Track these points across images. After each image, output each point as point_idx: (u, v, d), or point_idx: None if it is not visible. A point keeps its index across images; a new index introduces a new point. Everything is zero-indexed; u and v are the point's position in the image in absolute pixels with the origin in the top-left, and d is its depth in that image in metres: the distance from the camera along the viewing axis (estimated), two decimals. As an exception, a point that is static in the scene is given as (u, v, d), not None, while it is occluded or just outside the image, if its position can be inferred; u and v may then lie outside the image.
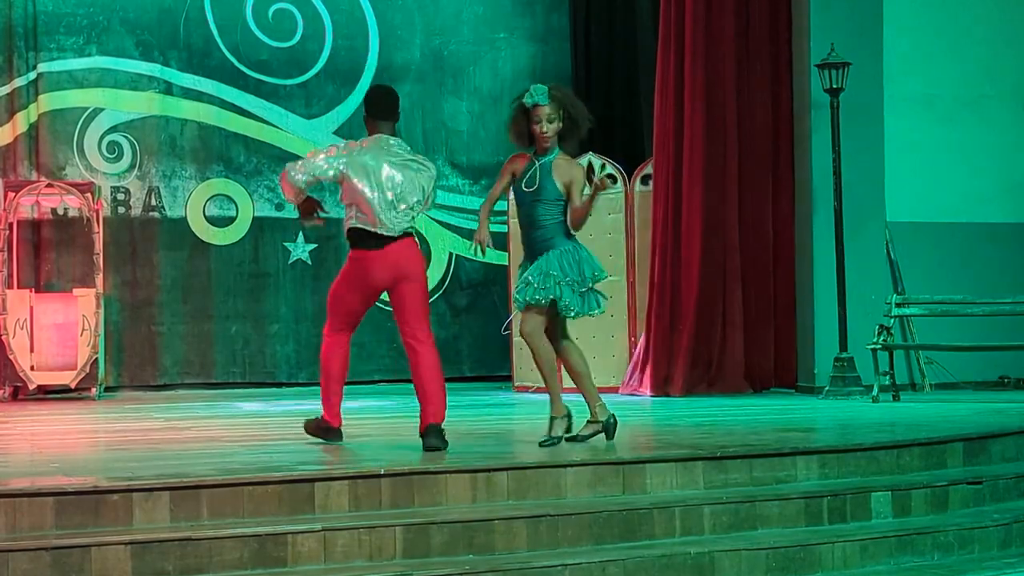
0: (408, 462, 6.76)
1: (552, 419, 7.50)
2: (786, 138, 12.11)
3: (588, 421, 7.55)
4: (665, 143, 11.86)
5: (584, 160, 12.18)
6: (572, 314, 7.45)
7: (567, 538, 6.27)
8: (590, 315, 7.60)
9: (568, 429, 7.51)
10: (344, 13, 14.37)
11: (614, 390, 11.79)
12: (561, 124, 7.44)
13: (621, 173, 12.09)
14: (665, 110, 11.90)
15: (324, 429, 7.89)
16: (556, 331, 7.54)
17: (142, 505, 5.88)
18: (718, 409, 10.08)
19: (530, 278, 7.39)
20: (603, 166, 12.08)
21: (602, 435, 7.47)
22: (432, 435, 7.39)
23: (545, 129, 7.39)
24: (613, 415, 7.52)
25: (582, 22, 14.77)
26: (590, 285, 7.48)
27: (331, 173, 7.47)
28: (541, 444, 7.35)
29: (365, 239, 7.54)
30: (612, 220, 12.10)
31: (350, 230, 7.57)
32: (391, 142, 7.63)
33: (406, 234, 7.64)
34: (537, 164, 7.48)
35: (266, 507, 6.09)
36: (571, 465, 6.69)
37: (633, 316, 12.05)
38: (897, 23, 12.23)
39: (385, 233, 7.49)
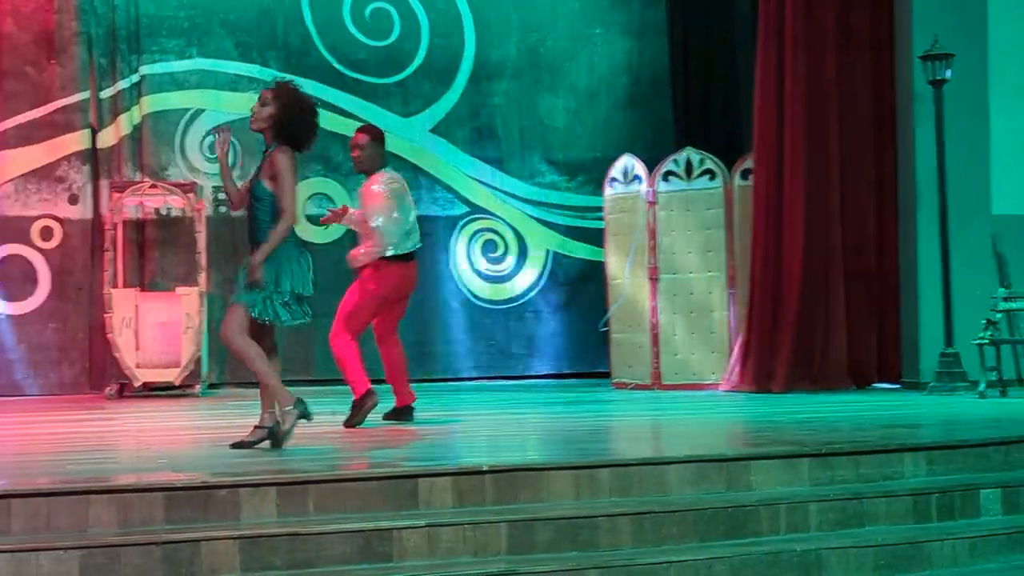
0: (510, 458, 6.76)
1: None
2: (889, 131, 11.94)
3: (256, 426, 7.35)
4: (765, 137, 11.75)
5: (683, 155, 12.17)
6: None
7: (672, 535, 6.23)
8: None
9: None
10: (440, 11, 14.41)
11: (715, 386, 11.73)
12: (277, 110, 7.21)
13: (720, 168, 12.02)
14: (765, 104, 11.79)
15: (364, 398, 8.77)
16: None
17: (250, 500, 5.93)
18: (821, 405, 9.98)
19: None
20: (702, 160, 12.03)
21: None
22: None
23: (256, 110, 7.26)
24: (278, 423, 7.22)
25: (679, 16, 14.69)
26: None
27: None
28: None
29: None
30: (712, 215, 12.02)
31: None
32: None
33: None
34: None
35: (371, 503, 6.11)
36: (675, 462, 6.63)
37: (733, 312, 11.95)
38: (1002, 13, 12.01)
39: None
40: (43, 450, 7.92)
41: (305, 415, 7.09)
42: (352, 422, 8.72)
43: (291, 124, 7.19)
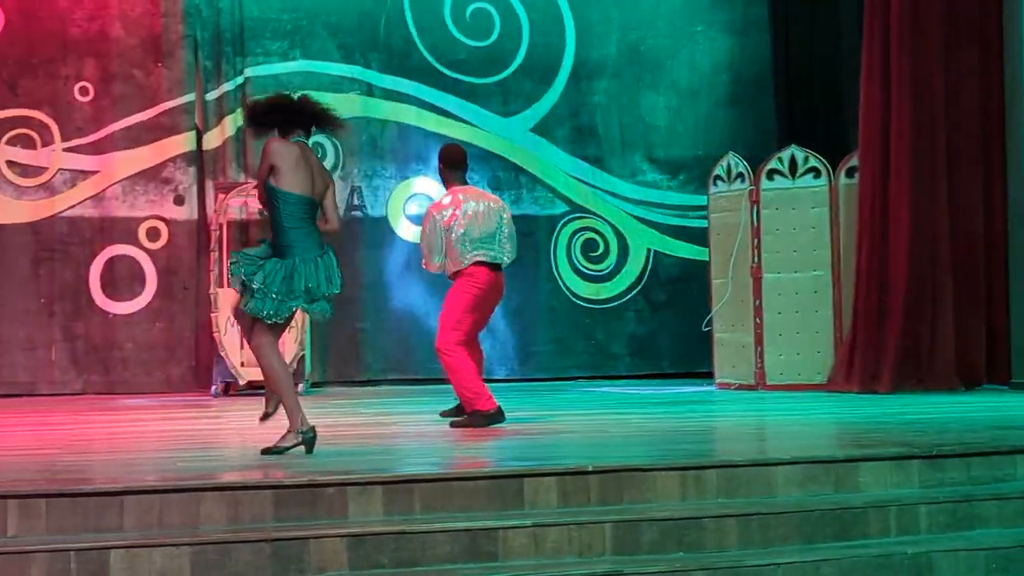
0: (615, 458, 6.75)
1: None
2: (997, 126, 11.73)
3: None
4: (871, 135, 11.61)
5: (787, 153, 12.06)
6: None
7: (778, 537, 6.18)
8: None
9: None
10: (540, 11, 14.41)
11: (820, 387, 11.61)
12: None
13: (825, 166, 11.90)
14: (870, 101, 11.65)
15: (491, 416, 8.60)
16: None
17: (356, 499, 5.98)
18: (929, 406, 9.84)
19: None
20: (806, 158, 11.93)
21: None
22: None
23: None
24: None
25: (781, 13, 14.57)
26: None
27: None
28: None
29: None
30: (816, 214, 11.90)
31: None
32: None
33: None
34: None
35: (476, 502, 6.13)
36: (782, 463, 6.58)
37: (839, 312, 11.81)
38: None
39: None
40: (153, 447, 8.04)
41: (308, 445, 7.05)
42: (462, 424, 8.67)
43: (266, 122, 7.26)
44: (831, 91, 14.02)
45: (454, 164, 9.30)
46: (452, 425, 8.71)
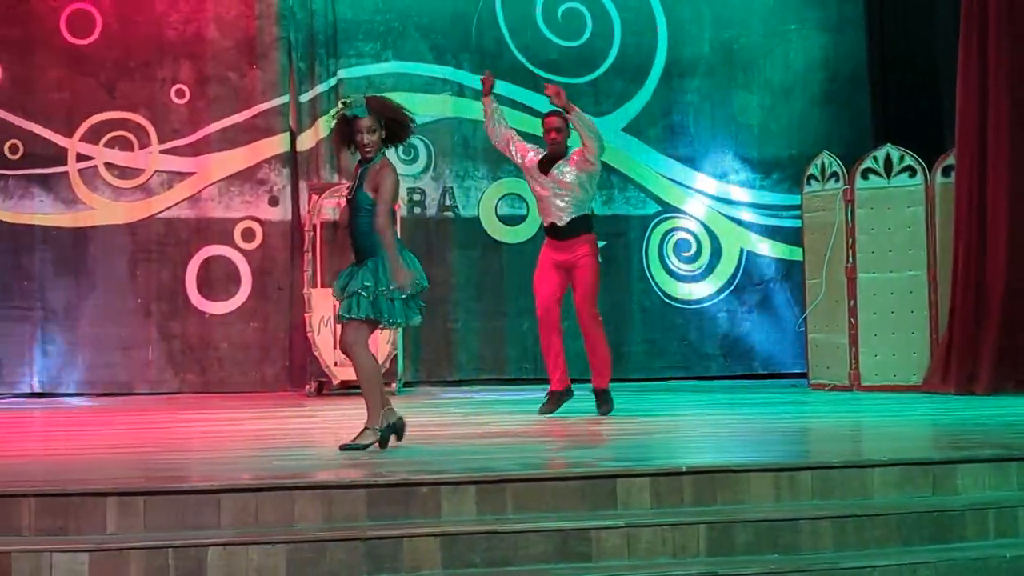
0: (708, 459, 6.71)
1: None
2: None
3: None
4: (967, 133, 11.44)
5: (882, 152, 11.93)
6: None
7: (875, 539, 6.11)
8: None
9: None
10: (632, 10, 14.37)
11: (915, 388, 11.46)
12: (384, 132, 7.30)
13: (921, 165, 11.75)
14: (967, 100, 11.47)
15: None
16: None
17: (449, 498, 5.99)
18: (1028, 408, 9.69)
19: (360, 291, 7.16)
20: (902, 157, 11.78)
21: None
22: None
23: (366, 140, 7.26)
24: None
25: (876, 9, 14.40)
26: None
27: None
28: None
29: None
30: (912, 213, 11.76)
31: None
32: None
33: None
34: (360, 172, 7.36)
35: (569, 502, 6.13)
36: (878, 465, 6.51)
37: (935, 312, 11.65)
38: None
39: None
40: (248, 446, 8.12)
41: (382, 443, 7.21)
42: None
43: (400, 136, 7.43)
44: (927, 88, 13.83)
45: None
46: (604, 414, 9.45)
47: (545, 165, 9.66)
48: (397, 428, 7.27)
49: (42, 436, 9.03)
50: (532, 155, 9.77)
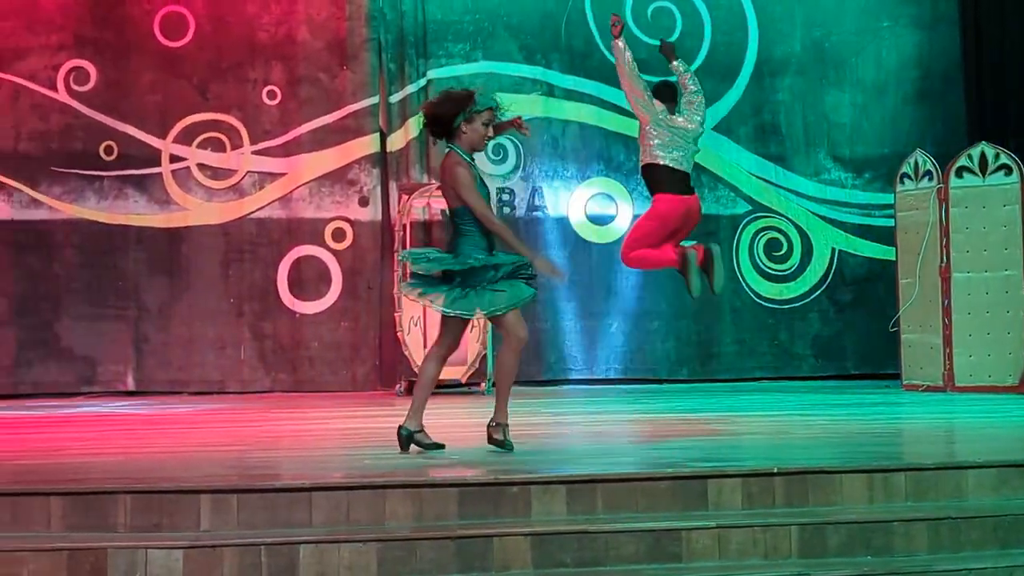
0: (800, 460, 6.65)
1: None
2: None
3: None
4: (1065, 130, 11.26)
5: (977, 150, 11.76)
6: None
7: (970, 542, 6.03)
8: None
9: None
10: (723, 8, 14.29)
11: (1011, 389, 11.29)
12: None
13: (1016, 163, 11.57)
14: (1064, 96, 11.30)
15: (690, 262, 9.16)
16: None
17: (540, 498, 5.99)
18: None
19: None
20: (997, 155, 11.61)
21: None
22: None
23: (491, 134, 7.24)
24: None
25: (971, 6, 14.21)
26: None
27: None
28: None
29: None
30: (1007, 212, 11.58)
31: None
32: None
33: None
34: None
35: (659, 503, 6.10)
36: (973, 467, 6.42)
37: (1032, 311, 11.49)
38: None
39: None
40: (340, 445, 8.18)
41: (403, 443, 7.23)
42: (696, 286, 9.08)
43: None
44: (1023, 85, 13.62)
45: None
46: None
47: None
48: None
49: (137, 434, 9.15)
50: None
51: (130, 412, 11.18)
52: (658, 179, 9.35)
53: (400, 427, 7.20)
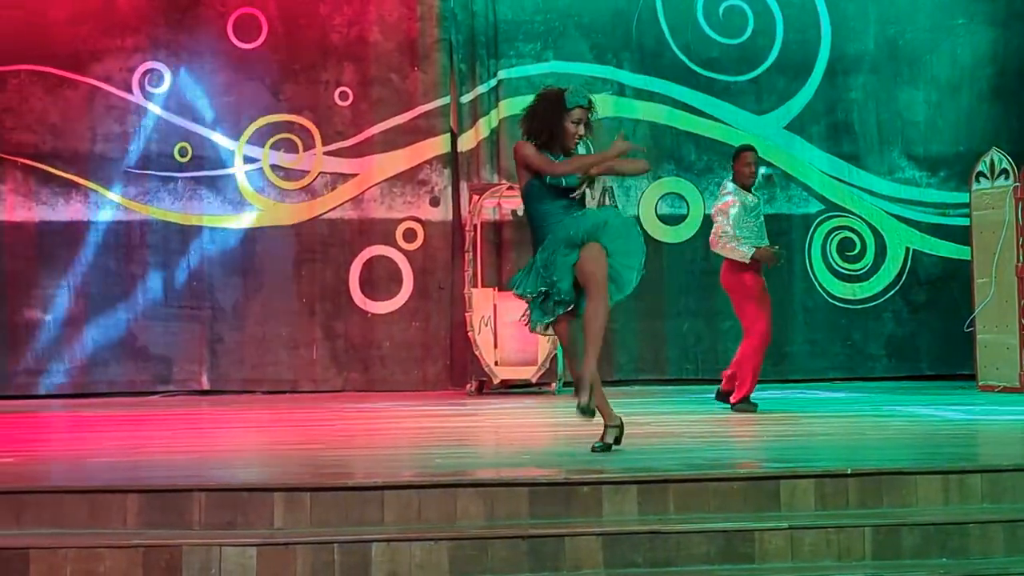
0: (874, 461, 6.60)
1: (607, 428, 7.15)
2: None
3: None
4: None
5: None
6: None
7: (1048, 544, 5.97)
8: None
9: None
10: (795, 6, 14.20)
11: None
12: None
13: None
14: None
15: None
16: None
17: (611, 498, 5.99)
18: None
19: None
20: None
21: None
22: None
23: (583, 132, 7.13)
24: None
25: (1047, 3, 14.05)
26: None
27: None
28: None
29: None
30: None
31: None
32: None
33: None
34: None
35: (731, 503, 6.08)
36: (1051, 468, 6.35)
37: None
38: None
39: None
40: (411, 444, 8.20)
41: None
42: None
43: None
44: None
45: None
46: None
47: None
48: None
49: (211, 433, 9.23)
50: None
51: (205, 411, 11.29)
52: None
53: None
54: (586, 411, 6.76)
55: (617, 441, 7.11)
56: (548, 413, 10.39)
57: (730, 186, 10.00)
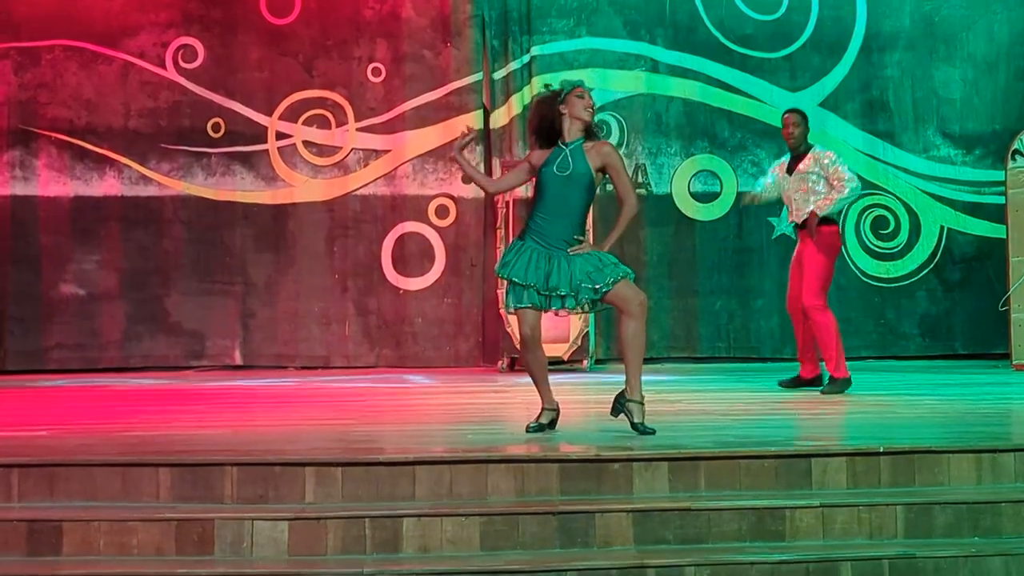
0: (906, 440, 6.58)
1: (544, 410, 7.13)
2: None
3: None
4: None
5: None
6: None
7: (1081, 524, 5.94)
8: None
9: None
10: (831, -18, 14.11)
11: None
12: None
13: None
14: None
15: (848, 383, 9.51)
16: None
17: (642, 474, 5.99)
18: None
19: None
20: None
21: None
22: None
23: (591, 102, 7.21)
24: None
25: (1087, -21, 13.90)
26: None
27: None
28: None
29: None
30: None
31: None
32: None
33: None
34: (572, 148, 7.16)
35: (762, 481, 6.08)
36: (1085, 448, 6.31)
37: None
38: None
39: None
40: (442, 420, 8.23)
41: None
42: (833, 391, 9.46)
43: None
44: None
45: None
46: (824, 393, 9.41)
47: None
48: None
49: (244, 408, 9.27)
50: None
51: (237, 386, 11.33)
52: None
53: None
54: (645, 430, 6.80)
55: (552, 424, 7.11)
56: (579, 390, 10.38)
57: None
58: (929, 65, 14.10)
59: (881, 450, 6.18)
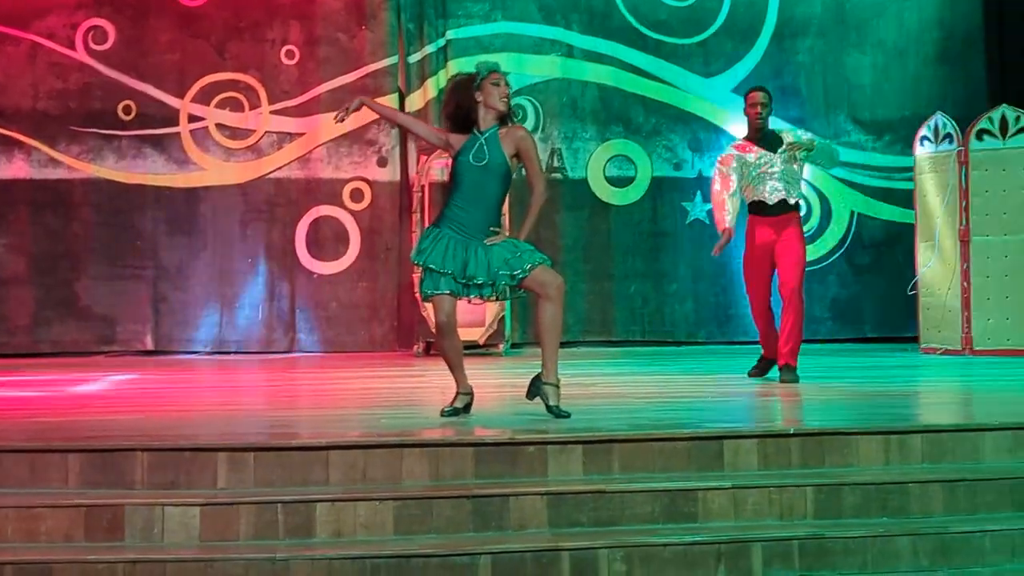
0: (816, 422, 6.66)
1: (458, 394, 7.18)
2: None
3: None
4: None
5: (998, 112, 11.70)
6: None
7: (986, 504, 6.05)
8: None
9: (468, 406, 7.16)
10: (743, -31, 14.21)
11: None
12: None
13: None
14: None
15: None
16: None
17: (556, 457, 6.01)
18: None
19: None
20: (1018, 118, 11.55)
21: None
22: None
23: (506, 87, 7.12)
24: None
25: (993, -33, 14.10)
26: None
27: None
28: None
29: None
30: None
31: None
32: None
33: None
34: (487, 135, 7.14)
35: (675, 463, 6.12)
36: (990, 429, 6.42)
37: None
38: None
39: None
40: (357, 404, 8.20)
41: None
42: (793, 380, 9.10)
43: None
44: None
45: None
46: (784, 381, 9.04)
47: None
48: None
49: (154, 394, 9.19)
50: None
51: (148, 371, 11.22)
52: None
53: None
54: (560, 413, 6.81)
55: (467, 408, 7.12)
56: (495, 374, 10.39)
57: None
58: (840, 52, 14.25)
59: (792, 432, 6.25)
